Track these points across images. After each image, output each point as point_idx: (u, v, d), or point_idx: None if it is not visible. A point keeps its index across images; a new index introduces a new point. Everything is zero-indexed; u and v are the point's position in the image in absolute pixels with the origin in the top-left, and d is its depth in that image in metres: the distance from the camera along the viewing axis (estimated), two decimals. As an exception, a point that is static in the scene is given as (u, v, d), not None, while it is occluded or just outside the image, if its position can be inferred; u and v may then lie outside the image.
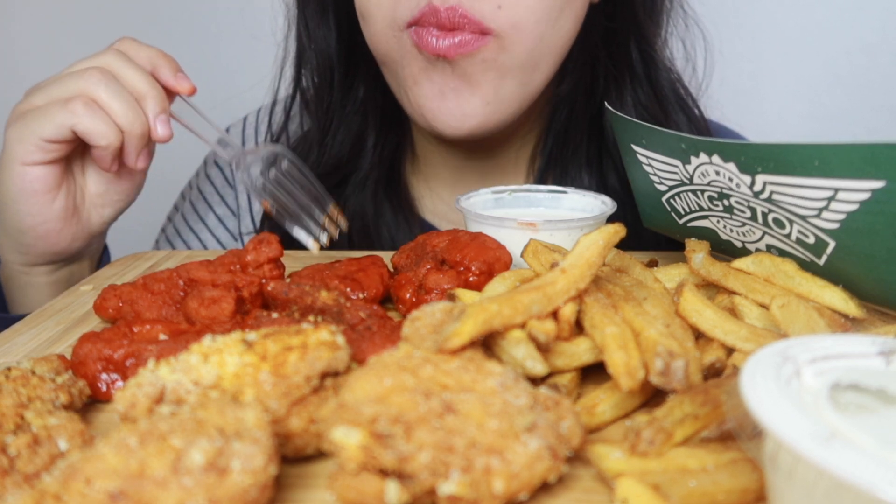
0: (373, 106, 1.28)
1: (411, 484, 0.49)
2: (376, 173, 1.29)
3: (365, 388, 0.54)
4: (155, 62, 1.03)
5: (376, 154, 1.29)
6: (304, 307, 0.80)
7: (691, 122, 1.28)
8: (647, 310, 0.68)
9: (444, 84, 1.07)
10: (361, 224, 1.28)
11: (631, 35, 1.23)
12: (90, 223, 1.10)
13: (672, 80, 1.27)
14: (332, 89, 1.27)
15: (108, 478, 0.47)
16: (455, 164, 1.32)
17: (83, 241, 1.11)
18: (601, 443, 0.56)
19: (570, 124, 1.27)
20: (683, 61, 1.29)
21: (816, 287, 0.73)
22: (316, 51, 1.26)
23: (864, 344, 0.52)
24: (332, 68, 1.26)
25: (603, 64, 1.24)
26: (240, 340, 0.61)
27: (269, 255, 0.87)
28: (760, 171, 0.72)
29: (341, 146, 1.28)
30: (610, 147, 1.26)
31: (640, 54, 1.24)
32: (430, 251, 0.90)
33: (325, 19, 1.24)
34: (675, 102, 1.26)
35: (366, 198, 1.28)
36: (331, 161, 1.28)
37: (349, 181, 1.30)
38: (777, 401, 0.45)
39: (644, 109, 1.24)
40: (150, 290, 0.84)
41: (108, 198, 1.10)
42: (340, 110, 1.28)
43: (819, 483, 0.41)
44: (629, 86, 1.24)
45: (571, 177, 1.28)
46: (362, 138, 1.28)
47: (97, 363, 0.70)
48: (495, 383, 0.56)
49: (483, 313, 0.60)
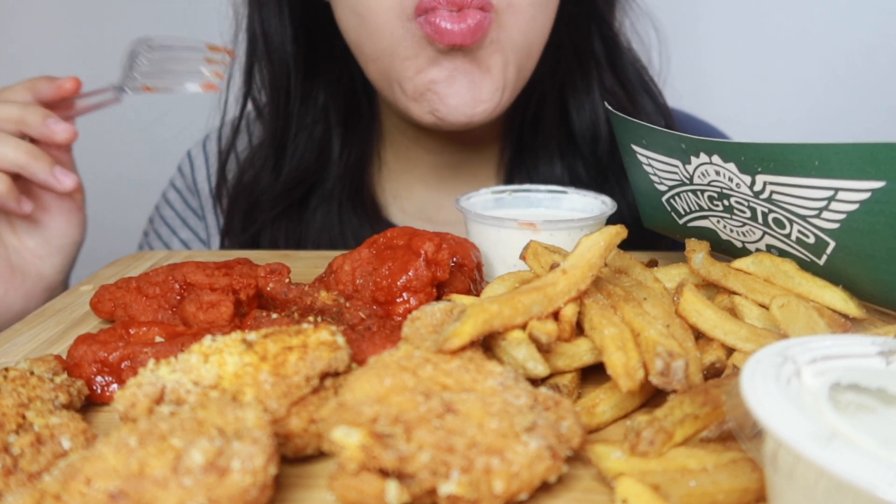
0: (336, 111, 1.23)
1: (411, 484, 0.49)
2: (341, 185, 1.24)
3: (365, 388, 0.54)
4: (29, 86, 1.02)
5: (342, 164, 1.24)
6: (304, 307, 0.80)
7: (657, 107, 1.27)
8: (647, 310, 0.68)
9: (454, 69, 1.05)
10: (328, 238, 1.24)
11: (592, 20, 1.22)
12: (42, 277, 1.08)
13: (636, 65, 1.26)
14: (289, 97, 1.21)
15: (108, 478, 0.47)
16: (431, 160, 1.30)
17: (40, 296, 1.08)
18: (601, 443, 0.56)
19: (539, 113, 1.25)
20: (639, 51, 1.29)
21: (816, 287, 0.73)
22: (270, 56, 1.19)
23: (864, 344, 0.52)
24: (288, 74, 1.20)
25: (567, 50, 1.23)
26: (240, 340, 0.61)
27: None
28: (760, 171, 0.72)
29: (303, 157, 1.22)
30: (578, 136, 1.25)
31: (601, 39, 1.23)
32: (343, 278, 0.85)
33: (282, 19, 1.18)
34: (640, 87, 1.25)
35: (331, 211, 1.23)
36: (293, 174, 1.22)
37: (314, 193, 1.24)
38: (777, 401, 0.45)
39: (611, 95, 1.23)
40: (145, 293, 0.84)
41: (50, 245, 1.08)
42: (300, 119, 1.22)
43: (819, 483, 0.41)
44: (594, 71, 1.23)
45: (543, 167, 1.26)
46: (327, 147, 1.23)
47: (92, 365, 0.70)
48: (495, 383, 0.56)
49: (483, 314, 0.60)
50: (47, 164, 0.99)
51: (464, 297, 0.78)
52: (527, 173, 1.27)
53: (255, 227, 1.24)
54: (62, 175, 1.00)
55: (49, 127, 0.99)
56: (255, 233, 1.25)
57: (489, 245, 0.94)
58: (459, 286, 0.85)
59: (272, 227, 1.24)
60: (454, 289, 0.84)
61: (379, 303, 0.81)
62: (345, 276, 0.84)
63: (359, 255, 0.85)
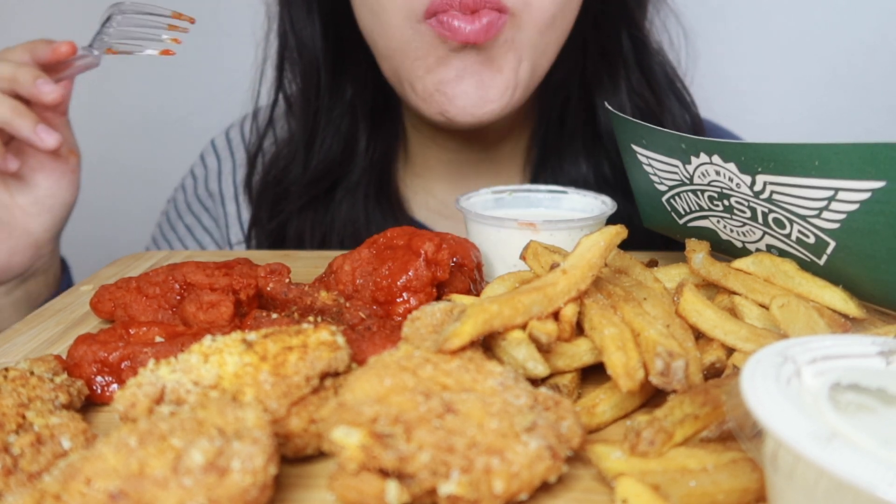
0: (362, 106, 1.25)
1: (411, 484, 0.49)
2: (367, 178, 1.27)
3: (365, 388, 0.54)
4: (28, 48, 1.04)
5: (367, 158, 1.26)
6: (304, 307, 0.80)
7: (684, 107, 1.27)
8: (647, 310, 0.68)
9: (463, 69, 1.06)
10: (353, 229, 1.26)
11: (621, 20, 1.22)
12: (29, 233, 1.10)
13: (664, 66, 1.27)
14: (318, 91, 1.24)
15: (108, 478, 0.47)
16: (449, 158, 1.31)
17: (24, 252, 1.10)
18: (601, 443, 0.56)
19: (565, 113, 1.26)
20: (668, 53, 1.29)
21: (816, 287, 0.73)
22: (300, 51, 1.23)
23: (864, 344, 0.52)
24: (318, 69, 1.23)
25: (593, 50, 1.23)
26: (240, 340, 0.61)
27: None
28: (760, 171, 0.72)
29: (330, 150, 1.25)
30: (604, 136, 1.26)
31: (630, 39, 1.24)
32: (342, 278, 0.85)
33: (311, 17, 1.21)
34: (667, 88, 1.26)
35: (357, 203, 1.26)
36: (320, 166, 1.25)
37: (339, 186, 1.27)
38: (777, 401, 0.45)
39: (638, 96, 1.24)
40: (145, 293, 0.84)
41: (41, 204, 1.10)
42: (328, 113, 1.25)
43: (819, 483, 0.41)
44: (622, 71, 1.24)
45: (568, 166, 1.27)
46: (353, 141, 1.26)
47: (92, 366, 0.70)
48: (495, 383, 0.56)
49: (483, 314, 0.60)
50: (31, 121, 1.01)
51: (464, 297, 0.78)
52: (552, 172, 1.28)
53: (281, 218, 1.27)
54: (45, 133, 1.02)
55: (38, 87, 1.01)
56: (282, 224, 1.27)
57: (489, 245, 0.94)
58: (459, 286, 0.85)
59: (298, 217, 1.26)
60: (454, 289, 0.84)
61: (379, 303, 0.81)
62: (345, 276, 0.84)
63: (359, 255, 0.85)
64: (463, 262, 0.85)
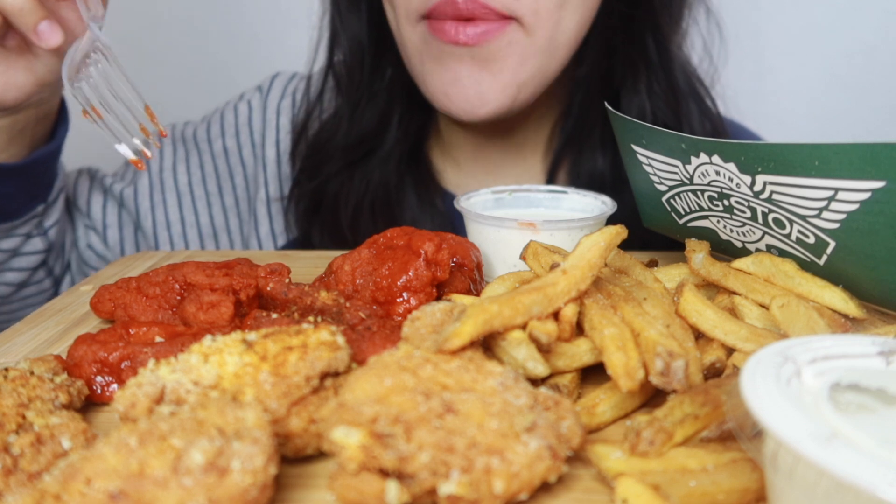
0: (399, 86, 1.33)
1: (411, 484, 0.49)
2: (400, 148, 1.34)
3: (365, 388, 0.54)
4: None
5: (401, 130, 1.35)
6: (304, 307, 0.80)
7: (703, 114, 1.30)
8: (647, 310, 0.68)
9: (458, 71, 1.11)
10: (384, 193, 1.33)
11: (647, 25, 1.25)
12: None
13: (688, 73, 1.30)
14: (362, 69, 1.33)
15: (108, 478, 0.47)
16: (476, 141, 1.37)
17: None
18: (601, 443, 0.56)
19: (587, 106, 1.30)
20: (701, 55, 1.31)
21: (816, 287, 0.73)
22: (347, 35, 1.32)
23: (864, 344, 0.52)
24: (362, 51, 1.32)
25: (620, 51, 1.26)
26: (240, 340, 0.61)
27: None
28: (760, 171, 0.72)
29: (368, 121, 1.34)
30: None
31: (655, 45, 1.26)
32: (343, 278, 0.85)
33: (356, 5, 1.30)
34: (688, 94, 1.29)
35: (389, 170, 1.34)
36: (358, 134, 1.34)
37: (375, 154, 1.35)
38: (777, 401, 0.45)
39: (657, 98, 1.27)
40: (145, 293, 0.84)
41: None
42: (369, 88, 1.34)
43: (819, 483, 0.41)
44: (644, 74, 1.27)
45: (586, 157, 1.31)
46: (388, 115, 1.34)
47: (92, 365, 0.70)
48: (495, 383, 0.56)
49: (483, 314, 0.60)
50: (35, 19, 0.97)
51: (464, 297, 0.78)
52: (570, 162, 1.33)
53: (320, 178, 1.35)
54: (48, 30, 0.98)
55: None
56: (321, 186, 1.35)
57: (489, 245, 0.94)
58: (459, 286, 0.85)
59: (335, 180, 1.35)
60: (454, 289, 0.84)
61: (379, 303, 0.81)
62: (345, 276, 0.84)
63: (359, 256, 0.85)
64: (463, 262, 0.85)
